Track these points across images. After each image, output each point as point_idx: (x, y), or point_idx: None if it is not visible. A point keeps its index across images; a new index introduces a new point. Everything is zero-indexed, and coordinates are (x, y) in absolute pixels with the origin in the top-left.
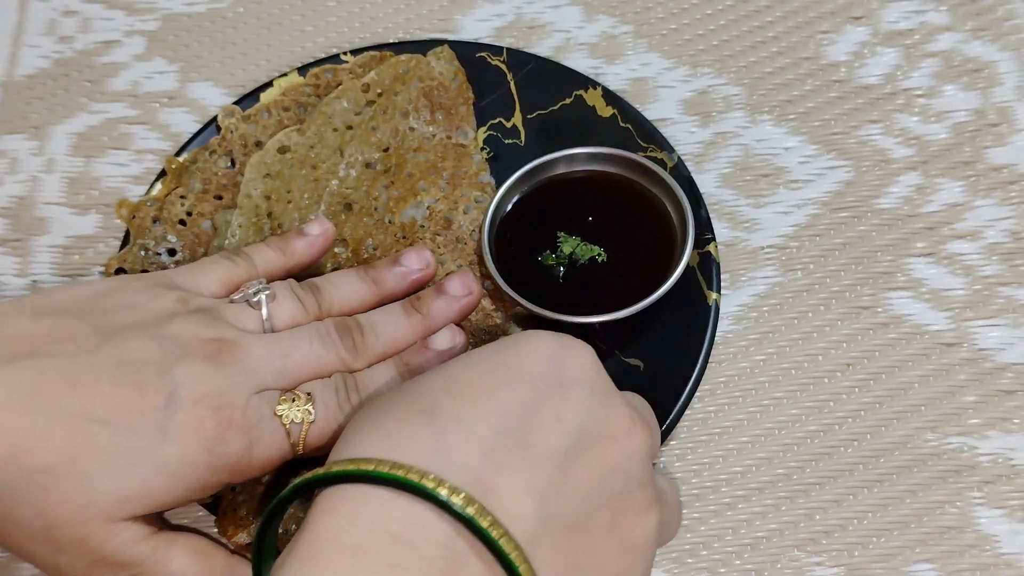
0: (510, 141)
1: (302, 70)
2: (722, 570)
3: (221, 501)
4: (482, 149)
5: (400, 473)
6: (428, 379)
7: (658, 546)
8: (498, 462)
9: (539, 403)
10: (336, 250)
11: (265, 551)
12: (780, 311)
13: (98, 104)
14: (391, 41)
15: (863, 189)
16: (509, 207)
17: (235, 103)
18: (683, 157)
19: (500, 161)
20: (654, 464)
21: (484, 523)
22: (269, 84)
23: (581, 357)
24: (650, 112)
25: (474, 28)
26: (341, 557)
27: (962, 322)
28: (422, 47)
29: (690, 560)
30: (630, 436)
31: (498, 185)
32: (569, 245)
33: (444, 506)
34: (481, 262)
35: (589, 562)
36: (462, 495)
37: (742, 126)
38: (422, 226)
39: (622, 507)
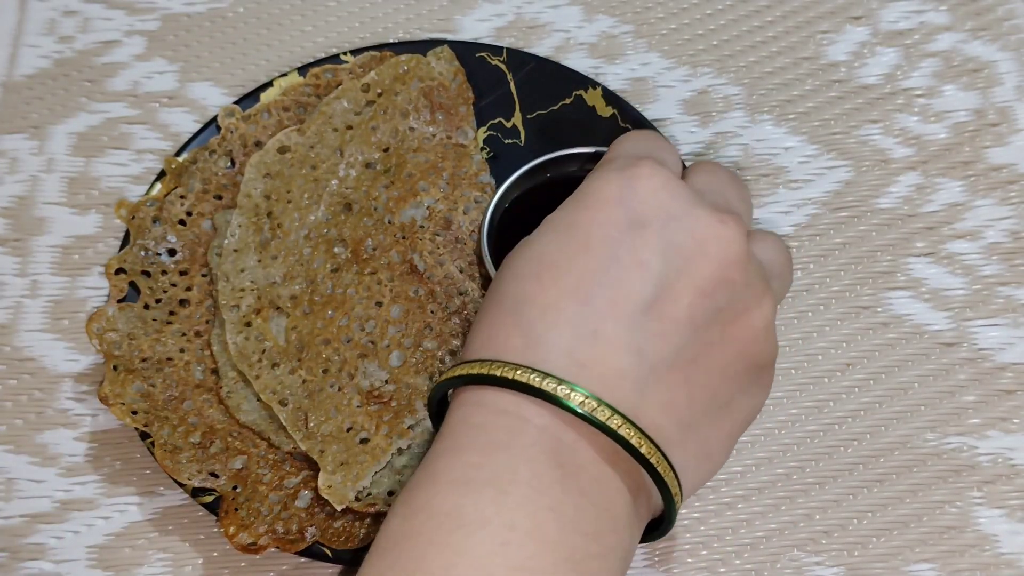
0: (510, 141)
1: (302, 70)
2: (722, 570)
3: (222, 501)
4: (482, 149)
5: (497, 371)
6: (522, 265)
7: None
8: (589, 333)
9: (617, 255)
10: (336, 250)
11: None
12: (780, 311)
13: (98, 104)
14: (391, 41)
15: (863, 189)
16: (508, 207)
17: (235, 103)
18: (683, 157)
19: (500, 161)
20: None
21: (576, 403)
22: (269, 84)
23: (648, 185)
24: (650, 112)
25: (474, 28)
26: (466, 430)
27: (962, 322)
28: (422, 47)
29: (690, 560)
30: (720, 241)
31: (498, 185)
32: None
33: (539, 393)
34: (480, 263)
35: (710, 382)
36: (549, 382)
37: (742, 126)
38: (421, 226)
39: (731, 316)
